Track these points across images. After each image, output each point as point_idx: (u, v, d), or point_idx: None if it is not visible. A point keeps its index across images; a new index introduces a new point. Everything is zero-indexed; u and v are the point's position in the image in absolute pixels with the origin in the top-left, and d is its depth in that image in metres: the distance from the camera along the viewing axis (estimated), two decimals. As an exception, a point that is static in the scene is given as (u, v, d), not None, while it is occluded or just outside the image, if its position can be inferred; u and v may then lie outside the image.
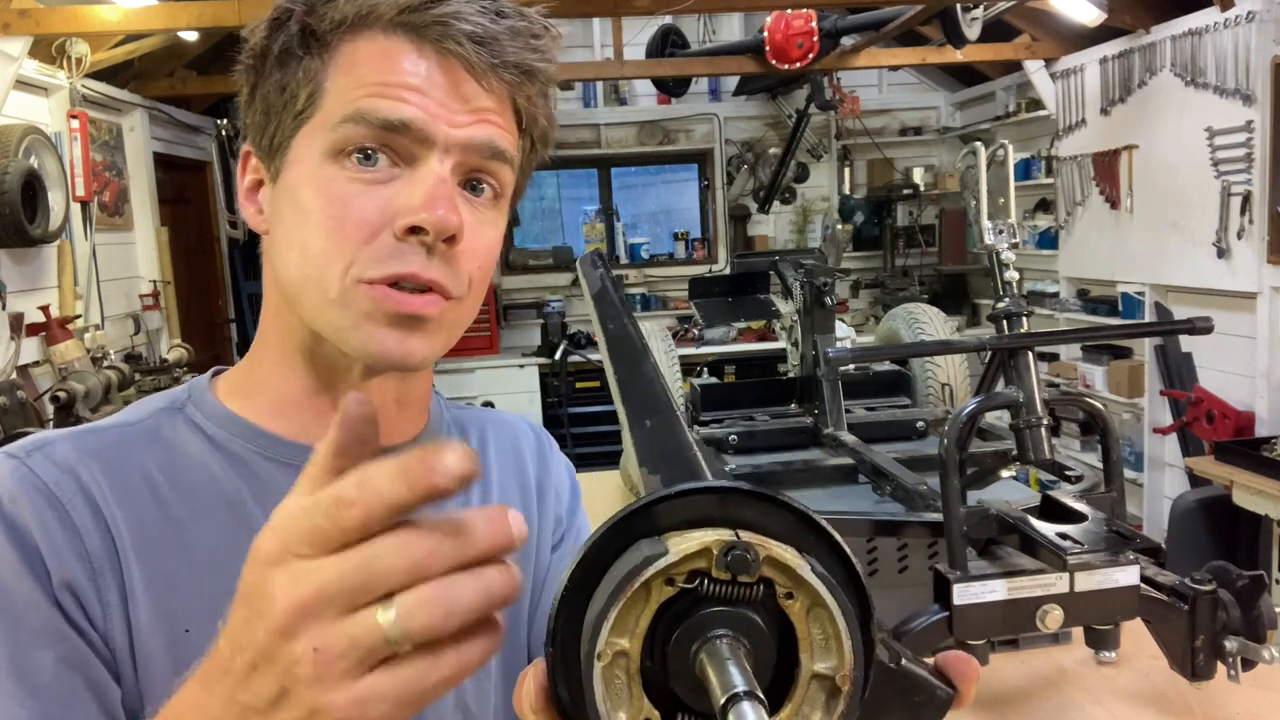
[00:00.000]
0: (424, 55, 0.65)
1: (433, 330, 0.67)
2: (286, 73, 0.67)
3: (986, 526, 1.41)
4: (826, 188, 7.30)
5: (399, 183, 0.65)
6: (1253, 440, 3.85)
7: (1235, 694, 1.37)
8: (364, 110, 0.64)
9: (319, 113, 0.66)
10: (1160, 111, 4.64)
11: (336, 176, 0.65)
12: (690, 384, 2.54)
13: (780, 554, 0.36)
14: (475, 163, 0.67)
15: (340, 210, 0.65)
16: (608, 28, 5.93)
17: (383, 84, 0.64)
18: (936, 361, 2.45)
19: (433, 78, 0.65)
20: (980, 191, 1.64)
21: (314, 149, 0.66)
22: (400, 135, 0.64)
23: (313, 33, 0.66)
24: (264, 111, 0.69)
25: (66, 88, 4.45)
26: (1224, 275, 4.25)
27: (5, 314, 3.92)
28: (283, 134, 0.68)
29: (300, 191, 0.66)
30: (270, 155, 0.69)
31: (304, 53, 0.66)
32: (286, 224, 0.68)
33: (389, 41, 0.65)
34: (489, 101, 0.67)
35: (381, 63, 0.65)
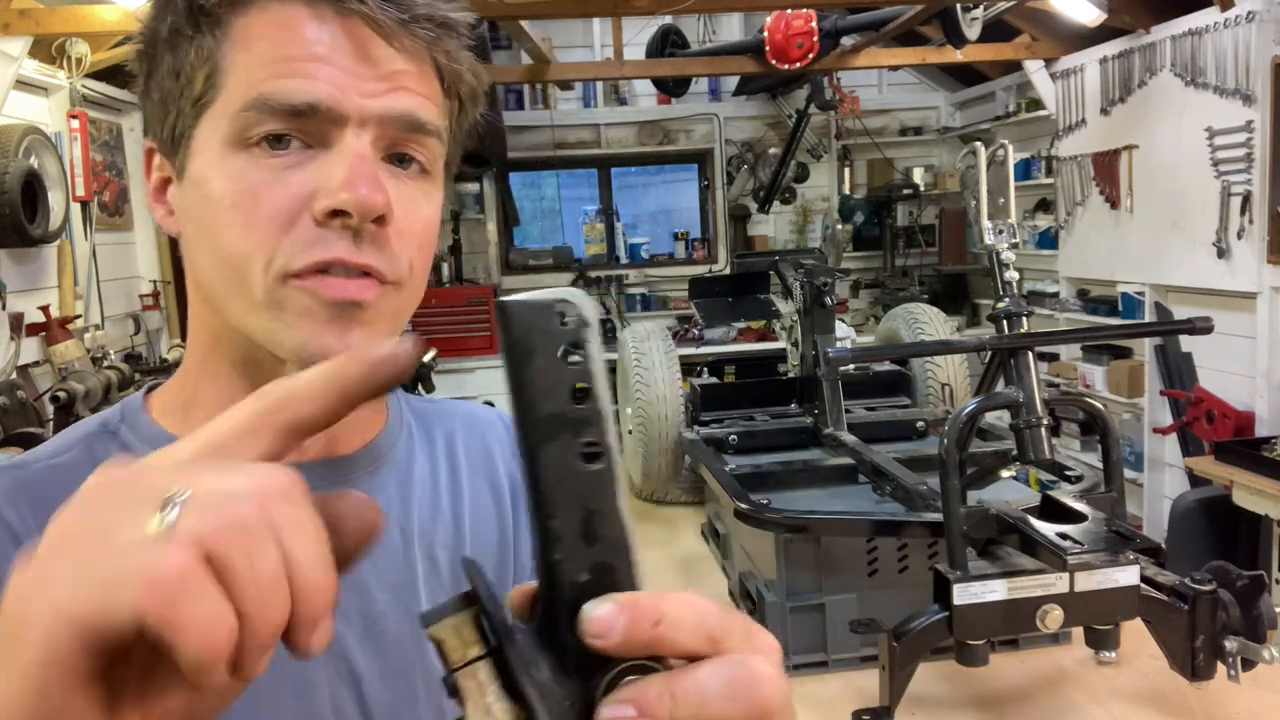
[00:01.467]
0: (324, 20, 0.59)
1: (373, 319, 0.61)
2: (179, 55, 0.61)
3: (986, 526, 1.41)
4: (826, 188, 7.30)
5: (315, 164, 0.59)
6: (1253, 440, 3.85)
7: (1235, 694, 1.37)
8: (266, 95, 0.58)
9: (220, 96, 0.60)
10: (1160, 111, 4.64)
11: (245, 166, 0.59)
12: (690, 384, 2.54)
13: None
14: (395, 135, 0.61)
15: (251, 202, 0.59)
16: (608, 28, 5.92)
17: (283, 59, 0.58)
18: (936, 361, 2.45)
19: (337, 44, 0.59)
20: (980, 191, 1.64)
21: (217, 138, 0.60)
22: (309, 118, 0.59)
23: (201, 8, 0.60)
24: (161, 101, 0.63)
25: (66, 88, 4.45)
26: (1224, 275, 4.25)
27: (5, 314, 3.92)
28: (183, 124, 0.62)
29: (207, 186, 0.61)
30: (173, 149, 0.63)
31: (194, 31, 0.60)
32: (197, 223, 0.63)
33: (284, 9, 0.59)
34: (404, 64, 0.61)
35: (279, 34, 0.59)
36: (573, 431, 0.34)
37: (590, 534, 0.35)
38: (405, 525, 0.72)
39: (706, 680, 0.34)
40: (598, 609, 0.34)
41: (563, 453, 0.34)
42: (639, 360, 2.42)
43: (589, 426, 0.35)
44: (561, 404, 0.34)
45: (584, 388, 0.35)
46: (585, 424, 0.35)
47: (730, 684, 0.34)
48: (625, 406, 2.60)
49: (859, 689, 1.51)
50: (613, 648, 0.34)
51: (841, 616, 1.58)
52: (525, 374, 0.34)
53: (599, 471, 0.35)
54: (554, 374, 0.34)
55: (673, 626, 0.34)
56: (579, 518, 0.35)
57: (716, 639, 0.35)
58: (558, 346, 0.35)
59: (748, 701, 0.34)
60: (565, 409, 0.34)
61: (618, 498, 0.35)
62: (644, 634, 0.34)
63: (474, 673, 0.34)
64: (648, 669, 0.34)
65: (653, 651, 0.34)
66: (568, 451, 0.34)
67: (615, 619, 0.33)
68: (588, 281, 7.06)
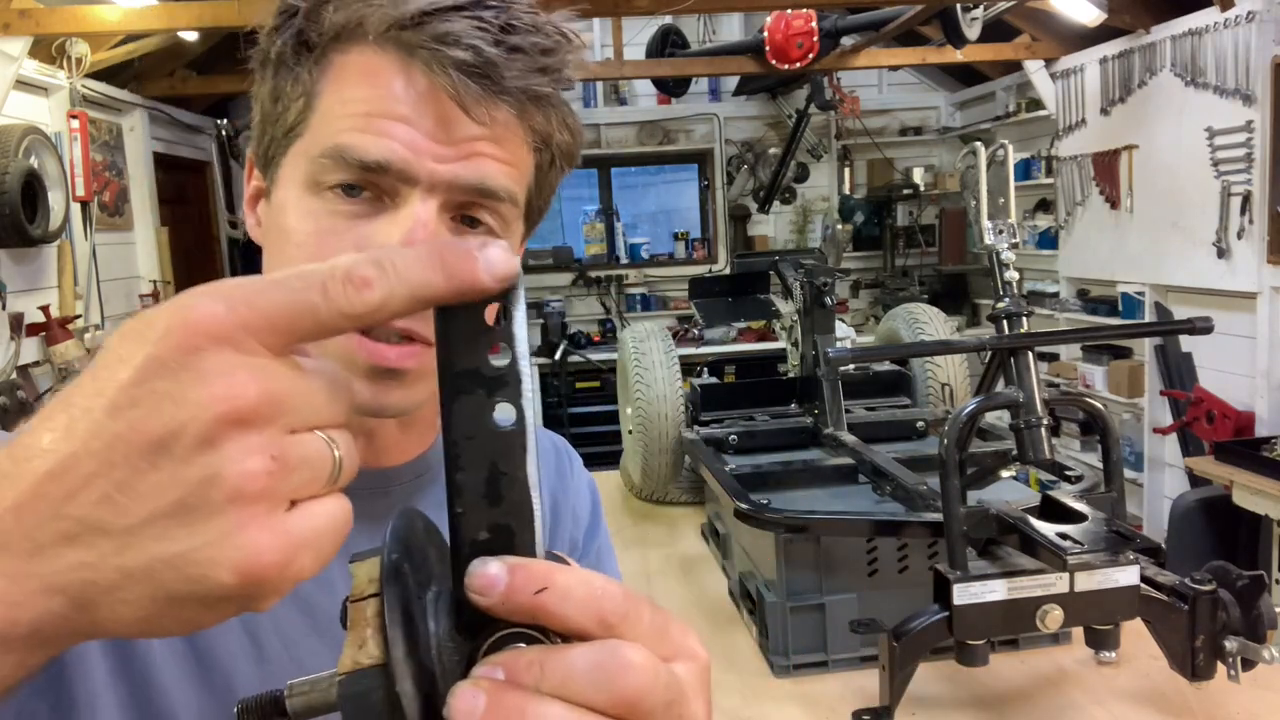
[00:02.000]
0: (412, 80, 0.60)
1: (412, 381, 0.63)
2: (280, 80, 0.64)
3: (986, 526, 1.41)
4: (826, 188, 7.30)
5: (380, 220, 0.62)
6: (1253, 440, 3.85)
7: (1235, 694, 1.37)
8: (343, 148, 0.60)
9: (307, 133, 0.63)
10: (1160, 111, 4.65)
11: (317, 209, 0.62)
12: (690, 384, 2.54)
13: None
14: (464, 200, 0.63)
15: (316, 245, 0.62)
16: (608, 28, 5.92)
17: (366, 114, 0.60)
18: (936, 361, 2.45)
19: (420, 107, 0.60)
20: (980, 191, 1.64)
21: (298, 176, 0.63)
22: (381, 174, 0.61)
23: (306, 42, 0.63)
24: (261, 120, 0.66)
25: (66, 88, 4.45)
26: (1224, 275, 4.25)
27: (5, 314, 3.92)
28: (275, 148, 0.65)
29: (284, 218, 0.64)
30: (265, 167, 0.67)
31: (296, 62, 0.63)
32: (272, 247, 0.66)
33: (379, 58, 0.61)
34: (482, 131, 0.62)
35: (368, 84, 0.61)
36: (487, 390, 0.35)
37: (494, 494, 0.35)
38: None
39: (576, 659, 0.34)
40: (484, 566, 0.34)
41: (476, 408, 0.35)
42: (639, 360, 2.42)
43: (504, 387, 0.35)
44: (478, 361, 0.35)
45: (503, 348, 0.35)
46: (500, 384, 0.35)
47: (595, 668, 0.33)
48: (625, 406, 2.60)
49: (859, 689, 1.51)
50: (493, 607, 0.34)
51: (841, 616, 1.57)
52: (448, 328, 0.35)
53: (509, 433, 0.35)
54: (475, 331, 0.35)
55: (559, 597, 0.34)
56: (484, 476, 0.35)
57: (610, 623, 0.35)
58: (482, 305, 0.35)
59: (609, 690, 0.33)
60: (481, 366, 0.35)
61: (526, 463, 0.35)
62: (526, 599, 0.34)
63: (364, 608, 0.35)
64: (535, 639, 0.35)
65: (535, 619, 0.34)
66: (480, 409, 0.35)
67: (499, 578, 0.33)
68: (588, 281, 7.06)
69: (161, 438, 0.30)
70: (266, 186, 0.67)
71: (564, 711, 0.33)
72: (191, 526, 0.30)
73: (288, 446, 0.32)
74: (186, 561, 0.31)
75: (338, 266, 0.32)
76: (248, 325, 0.31)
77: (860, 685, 1.52)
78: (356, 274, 0.32)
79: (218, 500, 0.30)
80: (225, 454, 0.30)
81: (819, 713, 1.47)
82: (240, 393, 0.31)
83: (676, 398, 2.37)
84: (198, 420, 0.30)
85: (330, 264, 0.33)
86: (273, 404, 0.31)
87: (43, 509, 0.31)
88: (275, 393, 0.31)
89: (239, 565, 0.31)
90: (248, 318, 0.31)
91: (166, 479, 0.30)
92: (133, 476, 0.30)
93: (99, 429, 0.31)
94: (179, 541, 0.31)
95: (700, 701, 0.37)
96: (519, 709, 0.32)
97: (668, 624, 0.37)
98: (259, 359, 0.32)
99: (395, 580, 0.35)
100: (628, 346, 2.52)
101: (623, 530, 2.44)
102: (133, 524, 0.30)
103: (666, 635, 0.37)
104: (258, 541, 0.31)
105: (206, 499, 0.30)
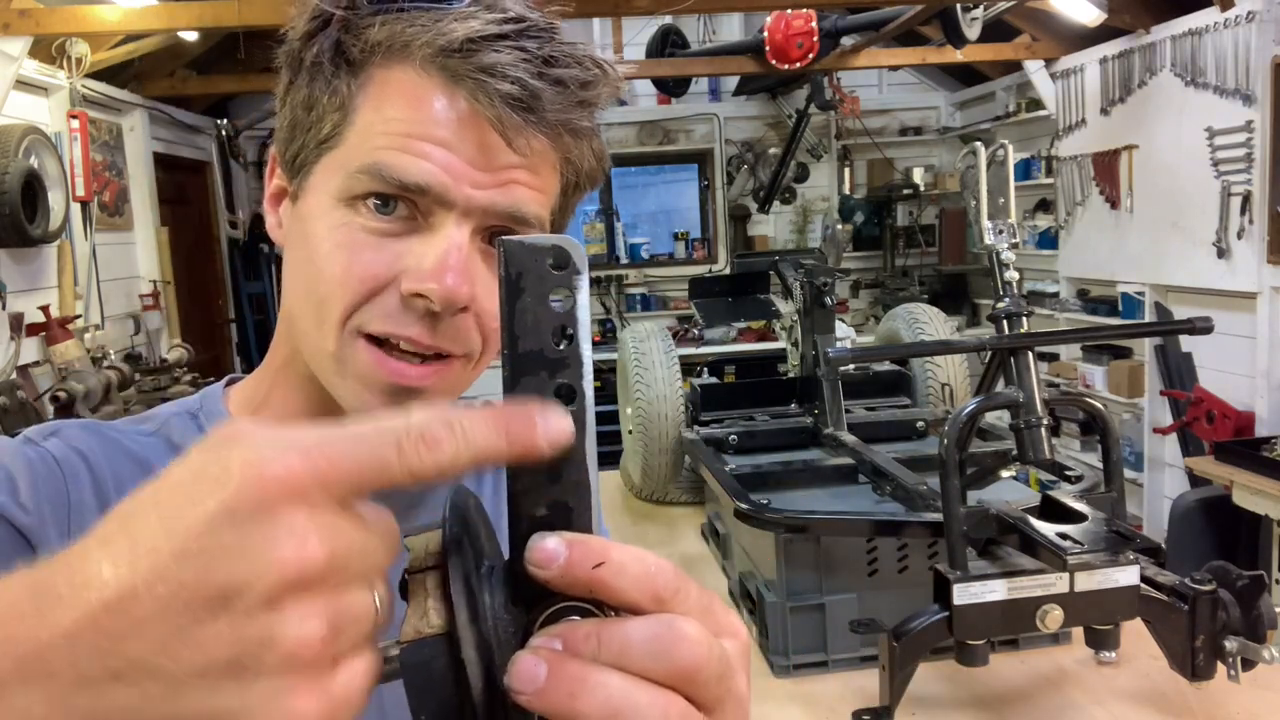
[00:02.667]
0: (454, 104, 0.61)
1: (429, 399, 0.64)
2: (315, 89, 0.64)
3: (986, 526, 1.41)
4: (826, 188, 7.30)
5: (414, 239, 0.62)
6: (1253, 440, 3.85)
7: (1235, 694, 1.37)
8: (383, 165, 0.61)
9: (342, 145, 0.63)
10: (1160, 111, 4.65)
11: (350, 222, 0.62)
12: (690, 384, 2.54)
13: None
14: (497, 224, 0.64)
15: (347, 259, 0.62)
16: (608, 28, 5.93)
17: (406, 135, 0.61)
18: (936, 361, 2.45)
19: (460, 131, 0.61)
20: (980, 191, 1.64)
21: (331, 186, 0.63)
22: (418, 195, 0.61)
23: (345, 55, 0.62)
24: (290, 125, 0.66)
25: (66, 88, 4.45)
26: (1224, 275, 4.25)
27: (5, 314, 3.92)
28: (305, 156, 0.65)
29: (313, 227, 0.64)
30: (293, 172, 0.67)
31: (333, 73, 0.63)
32: (296, 253, 0.66)
33: (421, 80, 0.61)
34: (519, 160, 0.63)
35: (410, 106, 0.61)
36: (549, 370, 0.36)
37: (554, 471, 0.36)
38: None
39: (633, 632, 0.34)
40: (545, 540, 0.35)
41: (538, 389, 0.36)
42: (639, 360, 2.42)
43: (565, 368, 0.36)
44: (542, 343, 0.36)
45: (566, 330, 0.36)
46: (562, 365, 0.36)
47: (653, 639, 0.34)
48: (625, 406, 2.60)
49: (859, 689, 1.51)
50: (553, 579, 0.34)
51: (841, 616, 1.57)
52: (513, 310, 0.36)
53: (571, 412, 0.35)
54: (538, 313, 0.36)
55: (615, 572, 0.35)
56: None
57: (663, 598, 0.36)
58: (546, 289, 0.36)
59: (667, 660, 0.34)
60: (545, 348, 0.36)
61: (585, 443, 0.36)
62: (584, 573, 0.34)
63: (423, 580, 0.36)
64: (588, 612, 0.36)
65: (593, 593, 0.35)
66: (543, 389, 0.36)
67: (559, 552, 0.34)
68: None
69: (225, 592, 0.30)
70: (294, 190, 0.67)
71: (622, 681, 0.34)
72: (242, 684, 0.30)
73: (342, 609, 0.32)
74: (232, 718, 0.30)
75: (413, 426, 0.33)
76: (324, 482, 0.31)
77: (860, 685, 1.52)
78: (430, 435, 0.33)
79: (272, 662, 0.30)
80: (285, 617, 0.30)
81: (819, 713, 1.47)
82: (309, 556, 0.30)
83: (676, 398, 2.37)
84: (264, 581, 0.30)
85: (405, 422, 0.33)
86: (336, 565, 0.31)
87: (96, 642, 0.30)
88: (340, 554, 0.32)
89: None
90: (326, 474, 0.31)
91: (224, 633, 0.30)
92: (192, 626, 0.30)
93: (164, 572, 0.30)
94: (228, 698, 0.30)
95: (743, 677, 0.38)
96: (579, 678, 0.33)
97: (713, 602, 0.38)
98: (329, 517, 0.31)
99: (458, 551, 0.36)
100: (628, 346, 2.52)
101: (623, 530, 2.44)
102: (184, 673, 0.30)
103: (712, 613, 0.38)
104: (304, 708, 0.31)
105: (260, 660, 0.30)
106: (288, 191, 0.69)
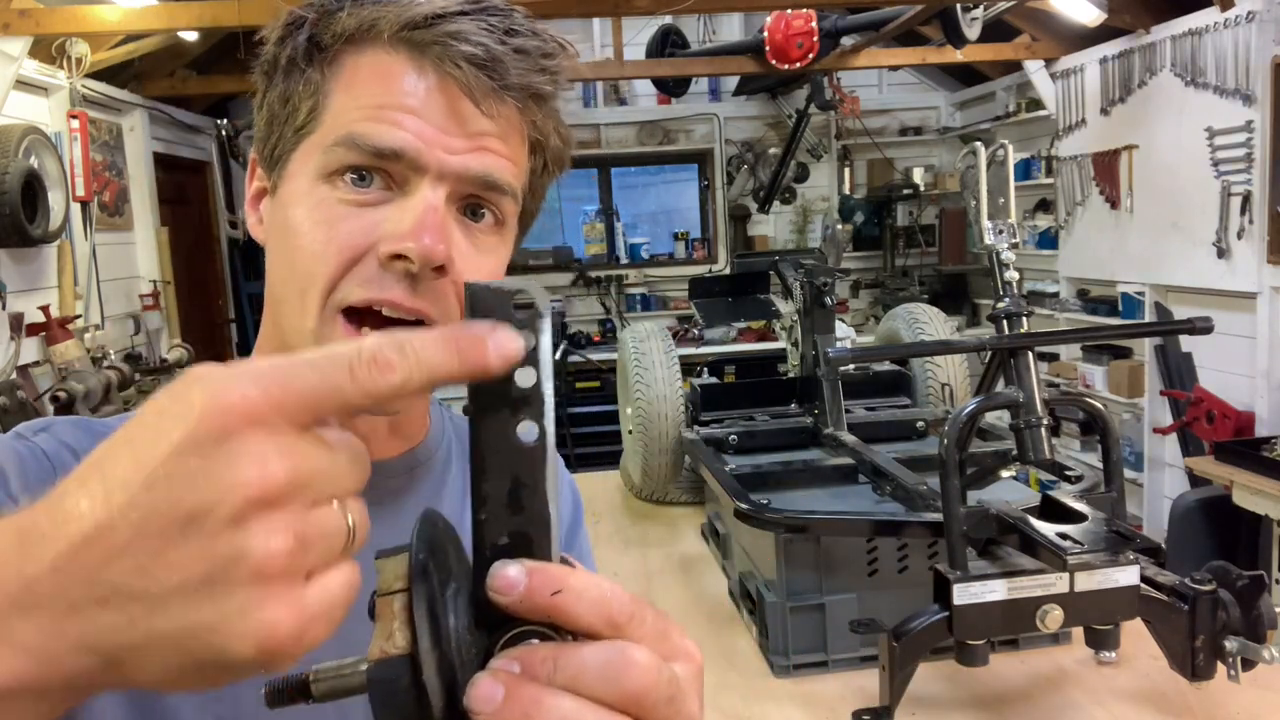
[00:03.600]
0: (424, 75, 0.64)
1: None
2: (290, 83, 0.66)
3: (986, 526, 1.41)
4: (826, 188, 7.30)
5: (390, 207, 0.64)
6: (1253, 440, 3.85)
7: (1235, 694, 1.37)
8: (357, 135, 0.63)
9: (318, 129, 0.65)
10: (1160, 111, 4.65)
11: (327, 197, 0.64)
12: (690, 384, 2.54)
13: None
14: (470, 190, 0.66)
15: (326, 232, 0.64)
16: (608, 28, 5.93)
17: (379, 106, 0.63)
18: (936, 361, 2.45)
19: (431, 100, 0.64)
20: (980, 191, 1.64)
21: (309, 167, 0.65)
22: (393, 162, 0.63)
23: (317, 44, 0.65)
24: (268, 121, 0.68)
25: (66, 88, 4.45)
26: (1224, 275, 4.25)
27: (5, 314, 3.92)
28: (283, 146, 0.67)
29: (292, 210, 0.66)
30: (271, 166, 0.69)
31: (307, 65, 0.66)
32: (277, 241, 0.68)
33: (390, 58, 0.64)
34: (489, 126, 0.65)
35: (380, 81, 0.64)
36: (512, 408, 0.37)
37: (515, 503, 0.38)
38: None
39: (587, 657, 0.36)
40: (506, 568, 0.37)
41: (502, 425, 0.38)
42: (639, 360, 2.41)
43: (527, 406, 0.37)
44: (504, 382, 0.37)
45: (528, 370, 0.37)
46: (525, 403, 0.37)
47: (605, 665, 0.36)
48: (625, 406, 2.60)
49: (859, 689, 1.51)
50: (513, 606, 0.36)
51: (841, 616, 1.57)
52: None
53: (532, 448, 0.38)
54: None
55: (573, 599, 0.37)
56: (507, 486, 0.38)
57: (618, 623, 0.38)
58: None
59: (617, 685, 0.36)
60: (509, 386, 0.37)
61: (546, 476, 0.38)
62: (543, 600, 0.36)
63: (391, 602, 0.38)
64: (547, 636, 0.38)
65: (551, 619, 0.37)
66: (506, 425, 0.38)
67: (519, 580, 0.36)
68: (588, 281, 7.06)
69: (193, 514, 0.32)
70: (272, 184, 0.69)
71: (574, 704, 0.36)
72: (215, 600, 0.32)
73: (309, 524, 0.34)
74: (210, 632, 0.33)
75: (364, 349, 0.34)
76: (279, 407, 0.33)
77: (860, 685, 1.52)
78: (381, 357, 0.34)
79: (242, 577, 0.32)
80: (252, 533, 0.32)
81: (819, 713, 1.47)
82: (270, 475, 0.32)
83: (676, 398, 2.37)
84: (228, 501, 0.32)
85: (356, 346, 0.35)
86: (298, 483, 0.33)
87: (80, 572, 0.32)
88: (302, 472, 0.33)
89: (257, 639, 0.33)
90: (280, 400, 0.33)
91: (196, 553, 0.32)
92: (165, 548, 0.32)
93: (136, 501, 0.32)
94: (204, 613, 0.32)
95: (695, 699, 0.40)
96: (534, 700, 0.35)
97: (668, 627, 0.40)
98: (288, 439, 0.33)
99: (423, 578, 0.38)
100: (628, 346, 2.52)
101: (623, 530, 2.44)
102: (162, 592, 0.32)
103: (667, 637, 0.40)
104: (276, 617, 0.33)
105: (231, 575, 0.32)
106: (267, 190, 0.71)
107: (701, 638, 1.75)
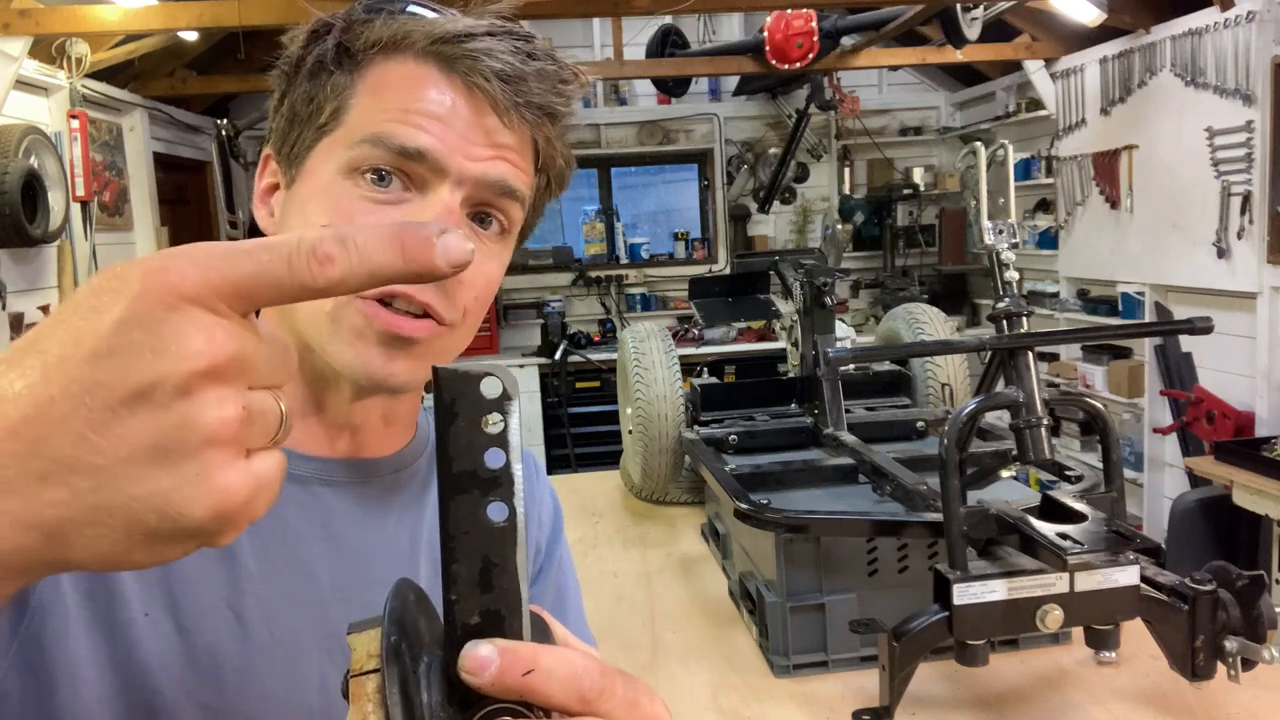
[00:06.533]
0: (451, 86, 0.67)
1: (420, 354, 0.68)
2: (315, 85, 0.69)
3: (986, 526, 1.41)
4: (826, 188, 7.30)
5: (407, 206, 0.66)
6: (1253, 440, 3.85)
7: (1235, 694, 1.37)
8: (383, 134, 0.65)
9: (340, 128, 0.68)
10: (1160, 111, 4.65)
11: (349, 192, 0.67)
12: (690, 384, 2.54)
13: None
14: (485, 197, 0.69)
15: (345, 222, 0.65)
16: (608, 28, 5.93)
17: (406, 110, 0.66)
18: (936, 361, 2.45)
19: (456, 109, 0.67)
20: (980, 191, 1.64)
21: (330, 163, 0.67)
22: (416, 163, 0.66)
23: (346, 50, 0.68)
24: (289, 119, 0.70)
25: (66, 88, 4.45)
26: (1224, 275, 4.25)
27: (5, 314, 3.92)
28: (303, 144, 0.70)
29: (310, 203, 0.68)
30: (289, 162, 0.71)
31: (335, 68, 0.68)
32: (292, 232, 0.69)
33: (419, 68, 0.67)
34: (508, 138, 0.68)
35: (408, 89, 0.67)
36: (482, 489, 0.38)
37: (486, 582, 0.38)
38: (415, 532, 0.76)
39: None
40: (477, 649, 0.37)
41: (471, 506, 0.38)
42: (639, 360, 2.42)
43: (498, 488, 0.38)
44: (475, 464, 0.38)
45: (498, 452, 0.38)
46: (495, 484, 0.38)
47: None
48: (625, 406, 2.60)
49: (859, 689, 1.51)
50: (485, 686, 0.37)
51: (841, 616, 1.57)
52: (447, 432, 0.38)
53: (502, 528, 0.38)
54: (472, 436, 0.38)
55: (544, 678, 0.37)
56: (478, 566, 0.38)
57: (589, 699, 0.39)
58: (479, 414, 0.38)
59: None
60: (478, 468, 0.38)
61: (516, 556, 0.39)
62: (514, 680, 0.37)
63: (364, 683, 0.39)
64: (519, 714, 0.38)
65: (524, 698, 0.38)
66: (476, 506, 0.38)
67: (490, 660, 0.37)
68: (588, 281, 7.06)
69: (141, 386, 0.32)
70: (289, 179, 0.71)
71: None
72: (169, 468, 0.33)
73: (251, 400, 0.35)
74: (164, 500, 0.33)
75: (304, 241, 0.34)
76: (217, 289, 0.33)
77: (860, 685, 1.52)
78: (320, 250, 0.34)
79: (194, 444, 0.33)
80: (202, 402, 0.33)
81: (819, 713, 1.47)
82: (218, 348, 0.33)
83: (676, 398, 2.37)
84: (177, 371, 0.32)
85: (297, 237, 0.35)
86: (242, 362, 0.34)
87: (17, 451, 0.32)
88: (244, 352, 0.34)
89: (213, 503, 0.34)
90: (218, 283, 0.33)
91: (145, 424, 0.32)
92: (111, 420, 0.32)
93: (78, 375, 0.32)
94: (157, 481, 0.33)
95: None
96: None
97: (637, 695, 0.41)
98: (229, 321, 0.34)
99: (394, 660, 0.39)
100: (628, 346, 2.52)
101: (623, 530, 2.44)
102: (109, 464, 0.32)
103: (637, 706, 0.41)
104: (229, 481, 0.34)
105: (183, 443, 0.33)
106: (279, 185, 0.73)
107: (701, 638, 1.75)
